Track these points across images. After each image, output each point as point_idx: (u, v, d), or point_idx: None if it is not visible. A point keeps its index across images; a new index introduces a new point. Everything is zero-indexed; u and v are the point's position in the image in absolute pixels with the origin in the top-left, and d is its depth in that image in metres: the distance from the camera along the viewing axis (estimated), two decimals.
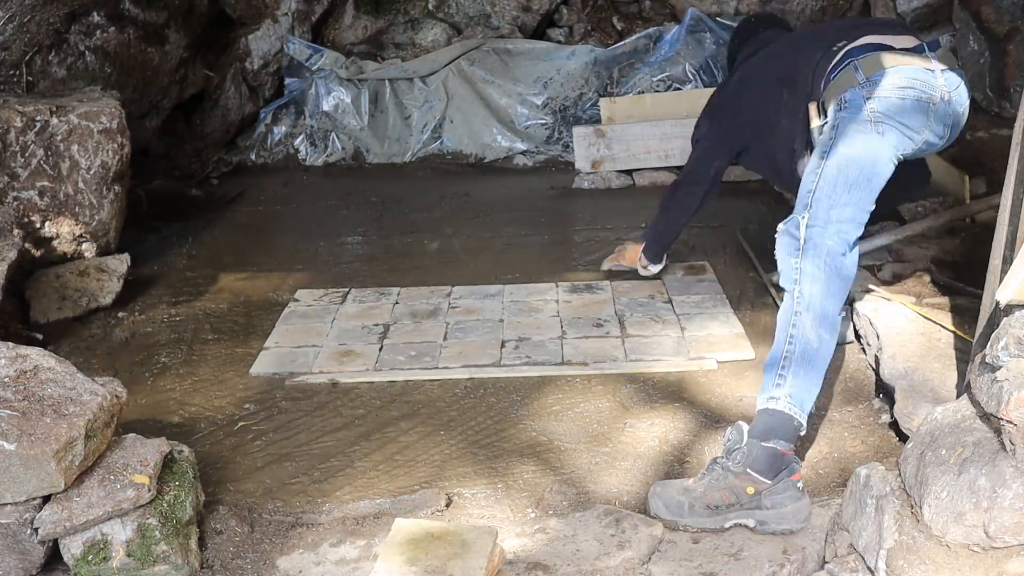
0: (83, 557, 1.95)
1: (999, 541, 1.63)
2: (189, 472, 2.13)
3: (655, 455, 2.46)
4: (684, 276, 3.56)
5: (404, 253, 3.94)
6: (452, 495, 2.32)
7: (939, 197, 3.63)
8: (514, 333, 3.15)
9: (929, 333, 2.72)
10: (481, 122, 5.21)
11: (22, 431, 1.89)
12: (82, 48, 4.27)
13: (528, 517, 2.23)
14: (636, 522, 2.13)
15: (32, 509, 1.91)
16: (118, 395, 2.12)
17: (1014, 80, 4.53)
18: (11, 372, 2.04)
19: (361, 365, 2.99)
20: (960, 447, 1.75)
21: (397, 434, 2.61)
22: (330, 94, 5.30)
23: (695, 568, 1.96)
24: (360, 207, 4.54)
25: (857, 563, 1.87)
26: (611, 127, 4.73)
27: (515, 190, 4.70)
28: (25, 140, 3.40)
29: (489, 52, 5.28)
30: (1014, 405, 1.65)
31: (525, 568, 2.01)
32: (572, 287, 3.50)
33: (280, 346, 3.14)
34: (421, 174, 5.03)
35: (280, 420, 2.71)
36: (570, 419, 2.64)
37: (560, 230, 4.14)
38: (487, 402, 2.76)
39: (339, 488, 2.37)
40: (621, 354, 2.98)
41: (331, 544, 2.13)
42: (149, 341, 3.22)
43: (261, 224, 4.40)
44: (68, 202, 3.48)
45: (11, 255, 2.98)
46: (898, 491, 1.84)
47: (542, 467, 2.43)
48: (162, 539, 1.98)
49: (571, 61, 5.22)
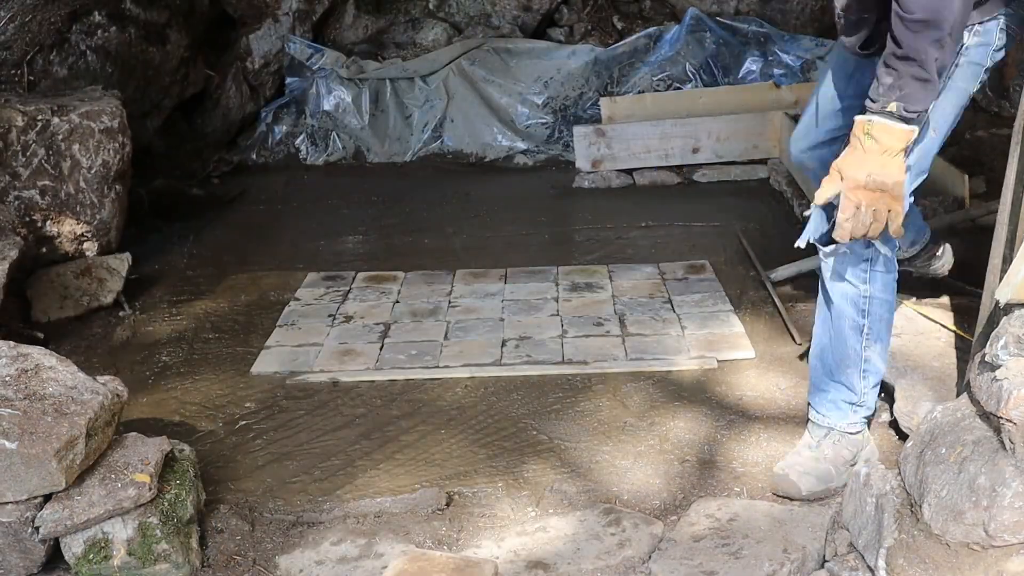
0: (84, 556, 1.96)
1: (999, 539, 1.63)
2: (190, 471, 2.13)
3: (655, 454, 2.46)
4: (684, 276, 3.56)
5: (405, 252, 3.94)
6: (453, 494, 2.32)
7: (939, 197, 3.63)
8: (514, 332, 3.15)
9: (929, 332, 2.72)
10: (482, 121, 5.21)
11: (23, 430, 1.89)
12: (83, 48, 4.27)
13: (529, 516, 2.23)
14: (636, 521, 2.14)
15: (33, 508, 1.91)
16: (119, 394, 2.13)
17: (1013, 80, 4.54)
18: (12, 371, 2.05)
19: (362, 364, 2.99)
20: (960, 446, 1.76)
21: (398, 433, 2.61)
22: (331, 93, 5.30)
23: (695, 567, 1.96)
24: (361, 206, 4.55)
25: (857, 562, 1.87)
26: (611, 126, 4.74)
27: (515, 189, 4.70)
28: (26, 139, 3.40)
29: (490, 51, 5.29)
30: (1013, 404, 1.65)
31: (525, 567, 2.01)
32: (572, 285, 3.50)
33: (281, 345, 3.14)
34: (422, 173, 5.03)
35: (281, 419, 2.71)
36: (570, 418, 2.65)
37: (560, 229, 4.14)
38: (487, 401, 2.76)
39: (340, 487, 2.38)
40: (621, 353, 2.98)
41: (332, 542, 2.13)
42: (150, 340, 3.23)
43: (262, 223, 4.40)
44: (69, 201, 3.48)
45: (12, 254, 2.98)
46: (898, 490, 1.84)
47: (542, 466, 2.43)
48: (163, 538, 1.98)
49: (571, 60, 5.23)
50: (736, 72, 5.13)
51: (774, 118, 4.63)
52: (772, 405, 2.67)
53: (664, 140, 4.68)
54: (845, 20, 2.04)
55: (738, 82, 5.08)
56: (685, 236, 3.96)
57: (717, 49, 5.12)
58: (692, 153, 4.70)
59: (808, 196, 3.99)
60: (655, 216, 4.19)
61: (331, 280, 3.66)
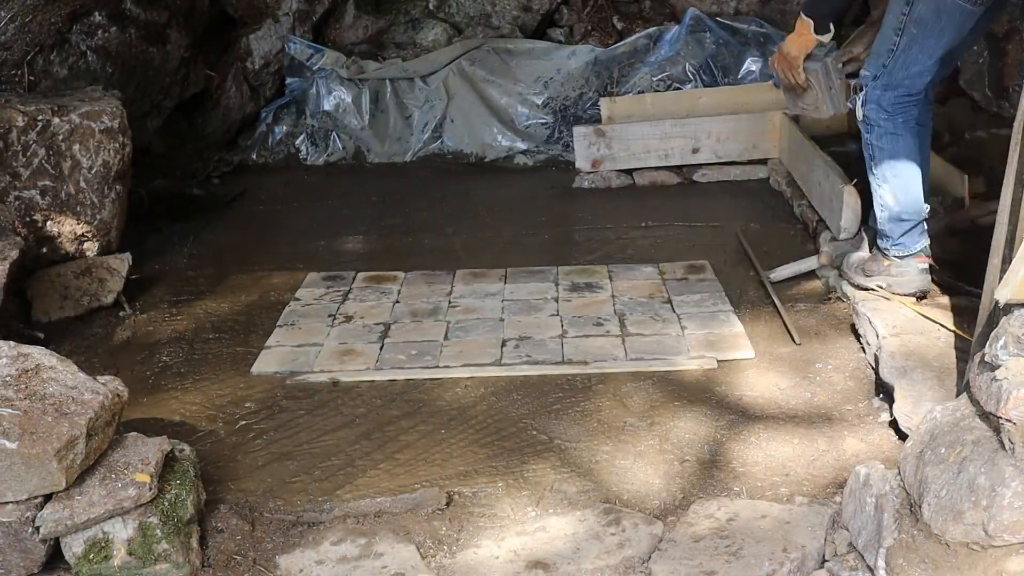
0: (84, 556, 1.96)
1: (998, 539, 1.64)
2: (190, 471, 2.13)
3: (655, 454, 2.47)
4: (684, 276, 3.56)
5: (405, 252, 3.94)
6: (453, 493, 2.32)
7: (938, 197, 3.63)
8: (514, 332, 3.16)
9: (929, 332, 2.73)
10: (482, 122, 5.21)
11: (24, 430, 1.89)
12: (84, 48, 4.27)
13: (529, 515, 2.24)
14: (636, 521, 2.14)
15: (34, 508, 1.92)
16: (119, 394, 2.13)
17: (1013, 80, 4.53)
18: (13, 371, 2.05)
19: (362, 364, 2.99)
20: (959, 446, 1.76)
21: (398, 433, 2.62)
22: (331, 94, 5.30)
23: (695, 566, 1.96)
24: (361, 206, 4.54)
25: (856, 561, 1.88)
26: (611, 127, 4.74)
27: (515, 189, 4.70)
28: (27, 140, 3.40)
29: (489, 52, 5.29)
30: (1013, 404, 1.66)
31: (525, 567, 2.01)
32: (572, 286, 3.50)
33: (281, 345, 3.14)
34: (422, 173, 5.03)
35: (281, 419, 2.71)
36: (570, 418, 2.65)
37: (560, 229, 4.14)
38: (487, 401, 2.76)
39: (340, 487, 2.38)
40: (621, 353, 2.98)
41: (332, 542, 2.14)
42: (150, 340, 3.23)
43: (262, 223, 4.40)
44: (70, 201, 3.48)
45: (13, 254, 2.98)
46: (897, 490, 1.85)
47: (542, 466, 2.44)
48: (163, 538, 1.99)
49: (571, 61, 5.23)
50: (736, 72, 5.12)
51: (774, 118, 4.63)
52: (772, 405, 2.67)
53: (664, 140, 4.68)
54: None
55: (738, 82, 5.07)
56: (685, 236, 3.96)
57: (717, 49, 5.12)
58: (692, 153, 4.70)
59: (807, 195, 4.00)
60: (655, 216, 4.19)
61: (331, 280, 3.66)
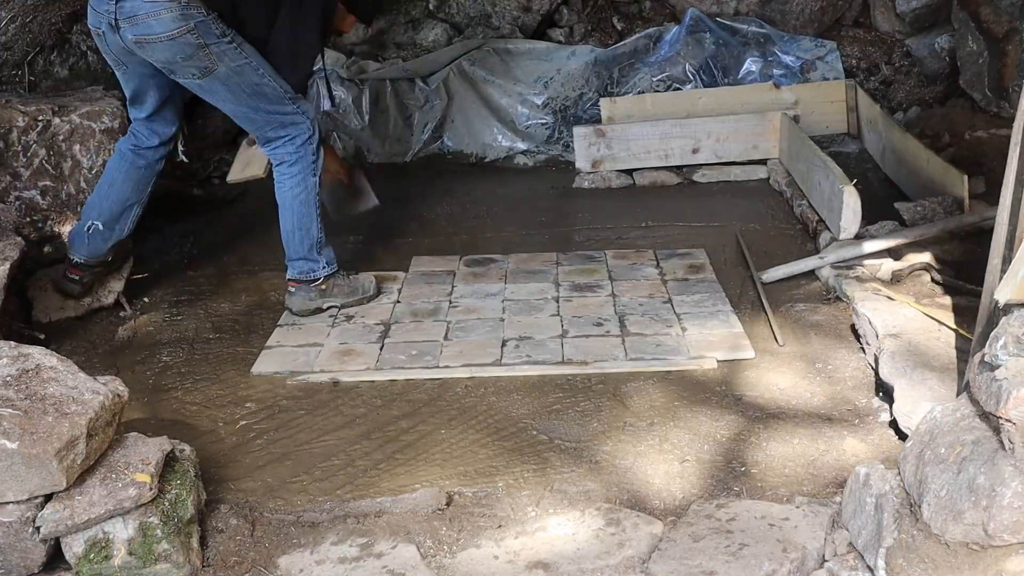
0: (85, 555, 1.96)
1: (998, 539, 1.64)
2: (191, 471, 2.14)
3: (655, 454, 2.47)
4: (684, 276, 3.57)
5: (405, 252, 3.94)
6: (453, 494, 2.32)
7: (938, 197, 3.63)
8: (515, 332, 3.16)
9: (928, 332, 2.73)
10: (482, 122, 5.21)
11: (24, 430, 1.89)
12: (84, 48, 4.28)
13: (529, 516, 2.24)
14: (636, 521, 2.14)
15: (34, 508, 1.92)
16: (120, 394, 2.13)
17: (1012, 80, 4.54)
18: (13, 371, 2.05)
19: (362, 364, 2.99)
20: (959, 446, 1.76)
21: (398, 433, 2.62)
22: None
23: (695, 567, 1.96)
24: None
25: (856, 561, 1.88)
26: (611, 127, 4.74)
27: (516, 190, 4.70)
28: (27, 140, 3.41)
29: (490, 52, 5.29)
30: (1013, 404, 1.66)
31: (525, 567, 2.01)
32: (572, 286, 3.51)
33: (281, 345, 3.15)
34: (422, 174, 5.03)
35: (281, 419, 2.72)
36: (570, 418, 2.65)
37: (560, 229, 4.14)
38: (488, 401, 2.76)
39: (340, 487, 2.38)
40: (621, 353, 2.99)
41: (332, 543, 2.14)
42: (151, 340, 3.23)
43: (262, 224, 4.38)
44: (70, 202, 3.49)
45: (13, 254, 2.98)
46: (897, 490, 1.85)
47: (542, 466, 2.44)
48: (163, 538, 1.99)
49: (571, 61, 5.23)
50: (736, 73, 5.13)
51: (774, 119, 4.64)
52: (771, 405, 2.67)
53: (664, 140, 4.69)
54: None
55: (738, 83, 5.08)
56: (685, 236, 3.96)
57: (717, 50, 5.12)
58: (692, 153, 4.70)
59: (807, 195, 4.00)
60: (655, 216, 4.19)
61: None
